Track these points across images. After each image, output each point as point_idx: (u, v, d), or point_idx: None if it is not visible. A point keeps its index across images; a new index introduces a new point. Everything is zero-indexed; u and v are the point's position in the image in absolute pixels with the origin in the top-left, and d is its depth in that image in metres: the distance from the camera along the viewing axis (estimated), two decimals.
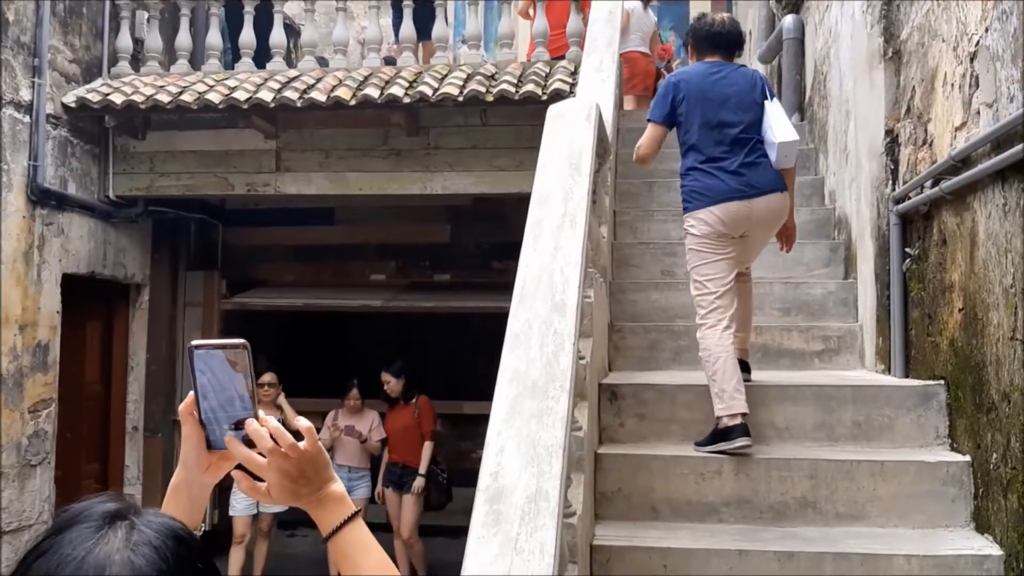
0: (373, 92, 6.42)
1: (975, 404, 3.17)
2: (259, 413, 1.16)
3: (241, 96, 6.48)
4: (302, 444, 1.15)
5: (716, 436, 3.36)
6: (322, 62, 7.57)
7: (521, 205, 6.68)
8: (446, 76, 6.64)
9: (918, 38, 3.88)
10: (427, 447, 6.99)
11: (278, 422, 1.17)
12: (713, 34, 3.91)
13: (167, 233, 8.04)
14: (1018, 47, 2.80)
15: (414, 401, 7.09)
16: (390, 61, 7.64)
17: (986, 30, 3.06)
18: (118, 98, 6.63)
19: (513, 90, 6.26)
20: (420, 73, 6.77)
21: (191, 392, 1.17)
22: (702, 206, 3.61)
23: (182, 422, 1.20)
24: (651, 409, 3.61)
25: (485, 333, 8.44)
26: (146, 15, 7.39)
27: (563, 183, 3.19)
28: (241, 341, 1.14)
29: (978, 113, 3.16)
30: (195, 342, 1.15)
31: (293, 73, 6.96)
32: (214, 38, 7.27)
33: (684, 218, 3.71)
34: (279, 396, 6.74)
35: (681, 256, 4.89)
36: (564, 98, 5.82)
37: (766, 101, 3.73)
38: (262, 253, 8.85)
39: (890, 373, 4.00)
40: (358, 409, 7.21)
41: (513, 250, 8.56)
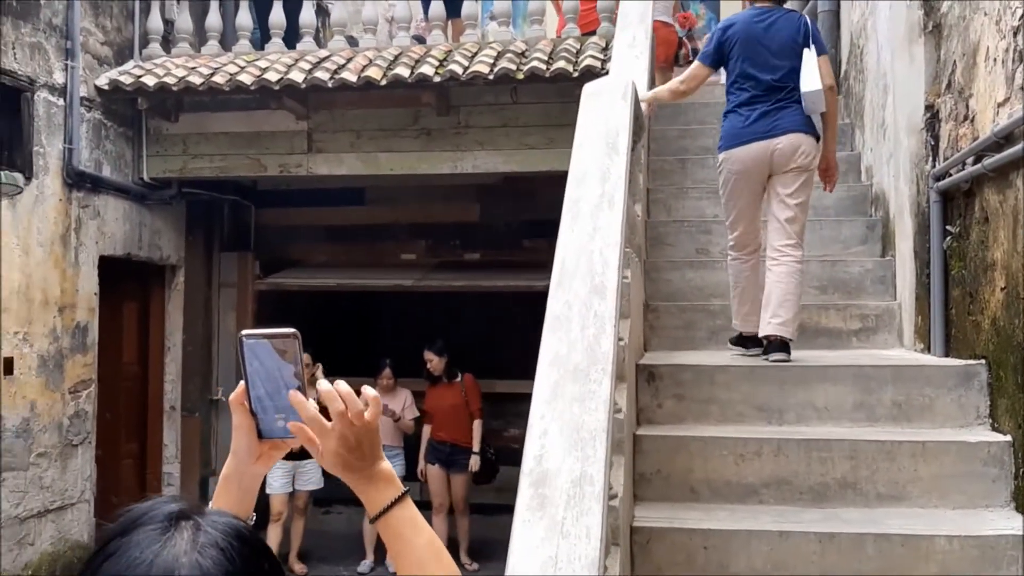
0: (403, 71, 6.41)
1: (1017, 384, 3.13)
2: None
3: (272, 77, 6.50)
4: (366, 414, 1.14)
5: (738, 341, 4.03)
6: (351, 41, 7.56)
7: (551, 182, 6.69)
8: (476, 54, 6.61)
9: (959, 11, 3.80)
10: (477, 425, 7.12)
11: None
12: None
13: (201, 214, 8.12)
14: None
15: (459, 380, 7.16)
16: (419, 39, 7.62)
17: None
18: (151, 80, 6.67)
19: (544, 67, 6.22)
20: (450, 51, 6.74)
21: (241, 382, 1.17)
22: (731, 146, 3.96)
23: (232, 411, 1.19)
24: (689, 390, 3.60)
25: (516, 311, 8.49)
26: None
27: (600, 163, 3.16)
28: (291, 330, 1.14)
29: (1022, 89, 3.10)
30: (245, 332, 1.15)
31: (323, 53, 6.96)
32: (244, 18, 7.29)
33: (718, 156, 4.09)
34: (318, 373, 6.80)
35: (716, 234, 4.88)
36: (596, 75, 5.78)
37: (806, 49, 3.93)
38: (294, 233, 8.89)
39: (930, 352, 3.96)
40: (391, 388, 7.27)
41: (543, 228, 8.54)
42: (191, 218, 8.04)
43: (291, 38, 7.26)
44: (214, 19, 7.31)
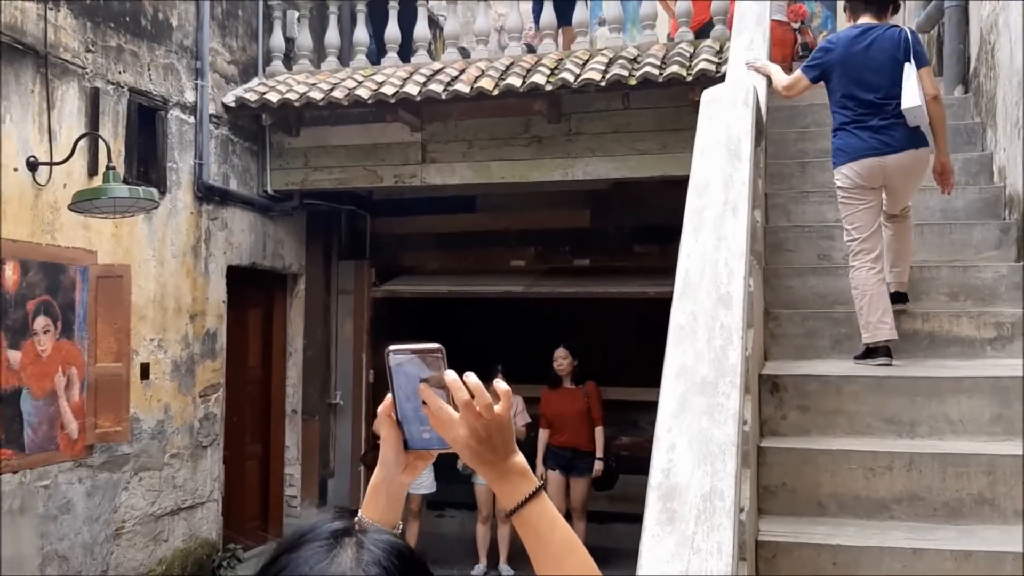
0: (515, 81, 6.47)
1: None
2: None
3: (388, 91, 6.66)
4: (497, 407, 1.13)
5: (865, 354, 3.88)
6: (463, 52, 7.69)
7: (662, 188, 6.64)
8: (587, 61, 6.62)
9: None
10: (599, 432, 7.18)
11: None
12: None
13: (320, 224, 8.40)
14: None
15: (583, 386, 7.20)
16: (529, 48, 7.68)
17: None
18: (274, 96, 6.94)
19: (657, 72, 6.18)
20: (561, 59, 6.77)
21: (388, 395, 1.21)
22: (844, 162, 4.07)
23: (380, 424, 1.22)
24: (814, 401, 3.51)
25: (626, 318, 8.45)
26: (296, 14, 7.69)
27: (723, 170, 3.13)
28: (436, 345, 1.17)
29: None
30: (392, 347, 1.18)
31: (437, 66, 7.10)
32: (361, 34, 7.50)
33: (833, 172, 4.20)
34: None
35: (838, 239, 4.73)
36: (710, 78, 5.70)
37: (906, 63, 3.98)
38: (407, 241, 9.08)
39: None
40: None
41: (654, 233, 8.44)
42: (311, 228, 8.32)
43: (406, 51, 7.43)
44: (332, 36, 7.55)
